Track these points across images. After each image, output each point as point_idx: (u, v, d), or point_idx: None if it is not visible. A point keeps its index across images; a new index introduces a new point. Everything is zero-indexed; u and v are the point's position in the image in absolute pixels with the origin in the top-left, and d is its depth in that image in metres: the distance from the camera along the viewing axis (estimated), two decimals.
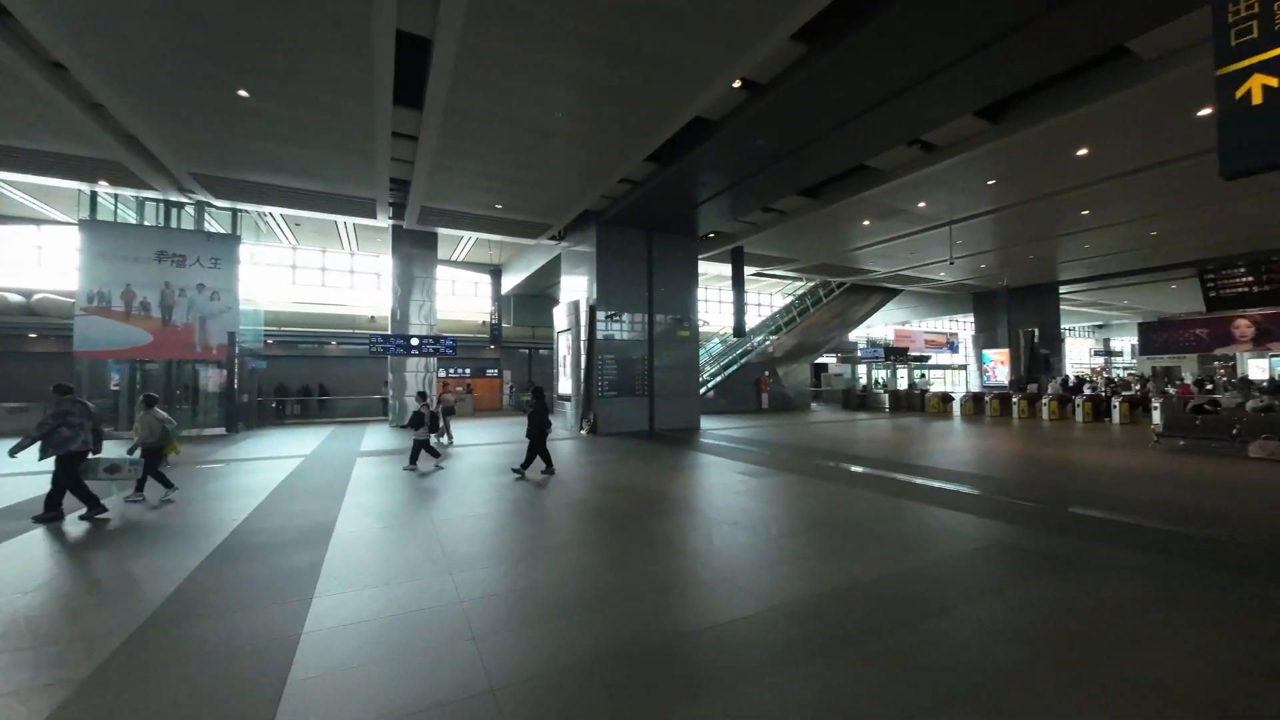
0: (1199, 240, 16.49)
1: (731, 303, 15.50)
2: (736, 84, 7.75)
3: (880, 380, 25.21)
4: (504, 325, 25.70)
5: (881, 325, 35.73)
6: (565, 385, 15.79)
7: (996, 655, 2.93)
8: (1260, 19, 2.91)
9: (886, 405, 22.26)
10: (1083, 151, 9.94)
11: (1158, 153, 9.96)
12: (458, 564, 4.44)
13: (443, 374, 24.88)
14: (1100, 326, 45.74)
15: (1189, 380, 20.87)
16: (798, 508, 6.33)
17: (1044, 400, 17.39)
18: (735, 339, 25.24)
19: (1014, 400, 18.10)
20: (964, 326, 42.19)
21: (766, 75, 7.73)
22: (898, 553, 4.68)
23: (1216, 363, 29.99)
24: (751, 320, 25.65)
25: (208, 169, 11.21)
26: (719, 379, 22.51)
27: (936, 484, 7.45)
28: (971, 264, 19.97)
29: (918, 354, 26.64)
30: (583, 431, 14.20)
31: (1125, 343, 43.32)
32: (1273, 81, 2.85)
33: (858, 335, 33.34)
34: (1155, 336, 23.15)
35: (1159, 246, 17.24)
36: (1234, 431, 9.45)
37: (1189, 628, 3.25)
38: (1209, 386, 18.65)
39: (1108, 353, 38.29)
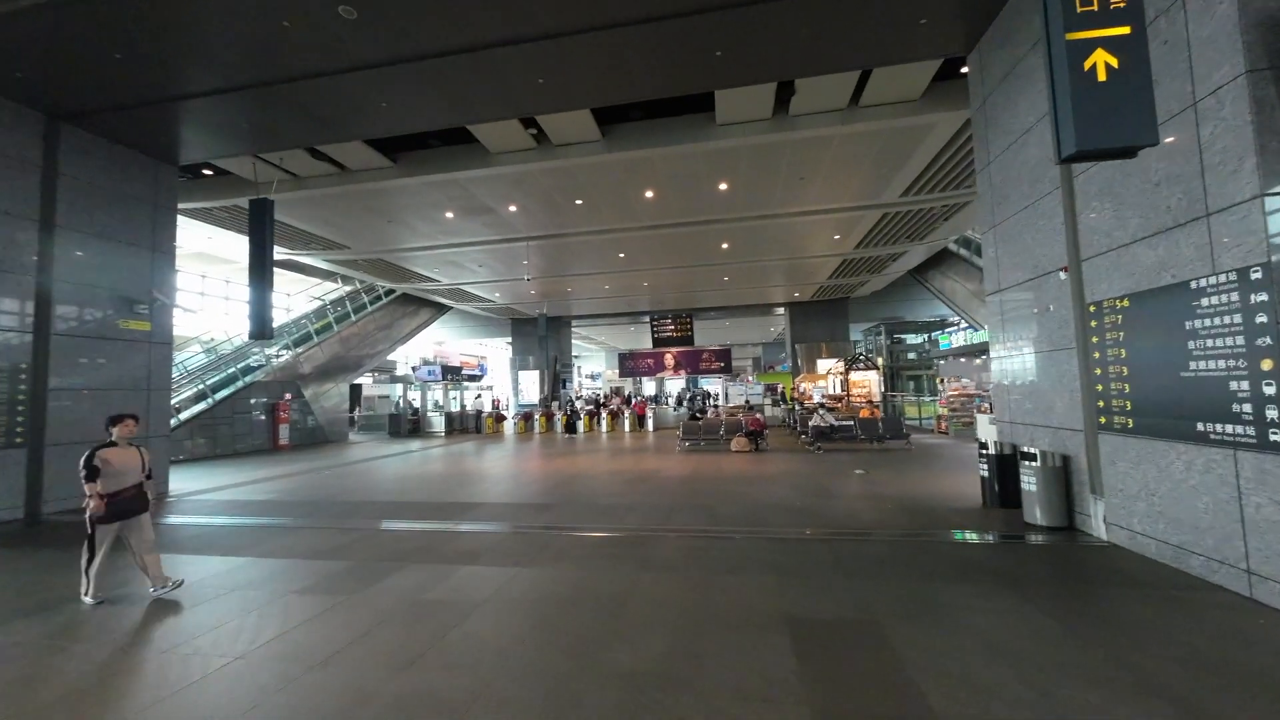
0: (647, 295, 23.14)
1: (244, 290, 9.77)
2: None
3: (438, 402, 23.07)
4: None
5: (417, 344, 33.94)
6: None
7: None
8: None
9: (442, 429, 20.33)
10: (649, 194, 11.35)
11: (656, 217, 12.68)
12: None
13: None
14: (576, 357, 60.13)
15: (639, 399, 29.10)
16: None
17: (580, 415, 19.91)
18: (243, 344, 17.42)
19: (552, 417, 19.96)
20: (491, 350, 45.99)
21: None
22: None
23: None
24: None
25: None
26: (202, 406, 14.64)
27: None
28: (523, 288, 21.01)
29: (469, 375, 26.16)
30: None
31: (590, 368, 58.39)
32: (1114, 61, 2.69)
33: (397, 354, 30.21)
34: (627, 363, 31.28)
35: (630, 296, 23.14)
36: (721, 433, 12.74)
37: None
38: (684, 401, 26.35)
39: (590, 376, 50.14)
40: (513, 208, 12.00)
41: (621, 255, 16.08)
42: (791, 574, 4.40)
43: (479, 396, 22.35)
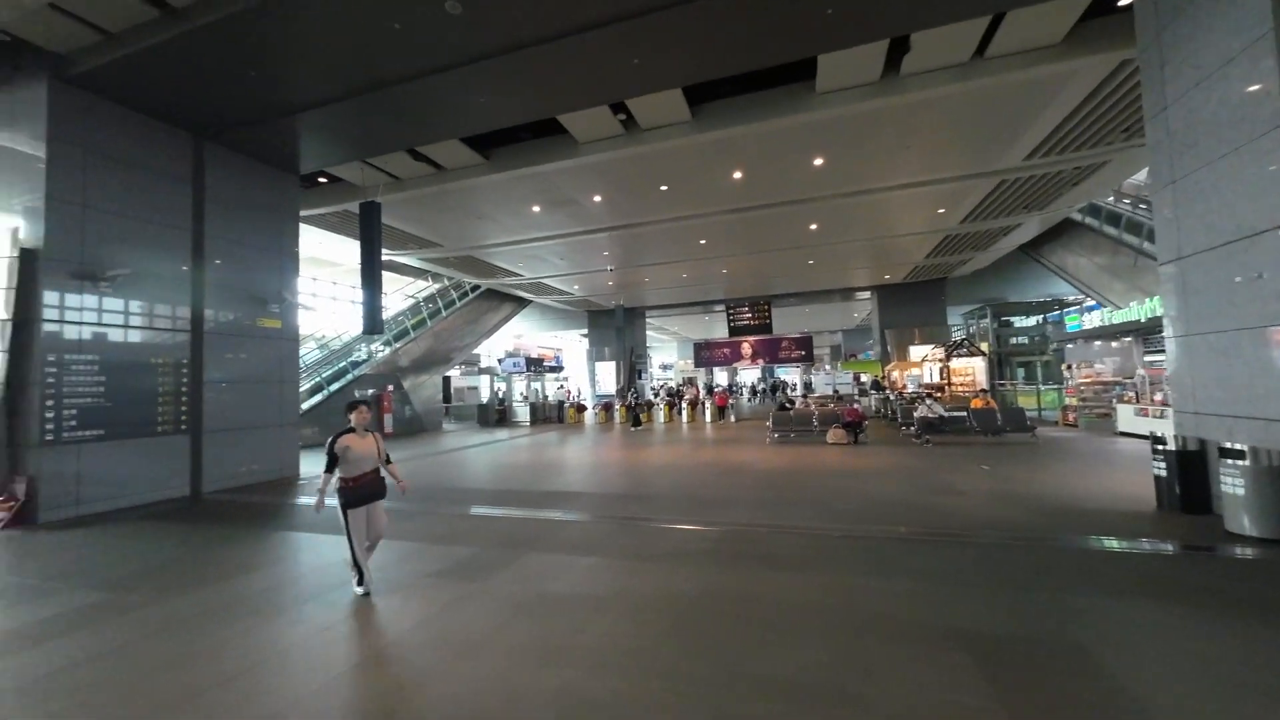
0: (725, 283, 22.43)
1: (348, 290, 10.49)
2: None
3: (523, 393, 23.93)
4: None
5: (499, 338, 35.37)
6: None
7: None
8: None
9: (527, 419, 21.02)
10: (737, 175, 10.88)
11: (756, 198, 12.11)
12: None
13: None
14: (650, 347, 60.24)
15: (719, 388, 28.50)
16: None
17: (668, 405, 19.79)
18: (350, 340, 18.93)
19: (622, 407, 20.00)
20: (565, 342, 47.13)
21: None
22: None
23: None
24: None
25: None
26: (318, 400, 16.01)
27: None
28: (600, 281, 21.16)
29: (549, 367, 26.94)
30: None
31: (661, 359, 58.19)
32: None
33: (481, 348, 31.65)
34: (702, 352, 30.83)
35: (707, 284, 22.58)
36: (815, 424, 12.10)
37: None
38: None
39: (663, 366, 50.11)
40: (596, 198, 11.97)
41: (703, 242, 15.67)
42: (940, 580, 3.95)
43: (561, 387, 22.88)
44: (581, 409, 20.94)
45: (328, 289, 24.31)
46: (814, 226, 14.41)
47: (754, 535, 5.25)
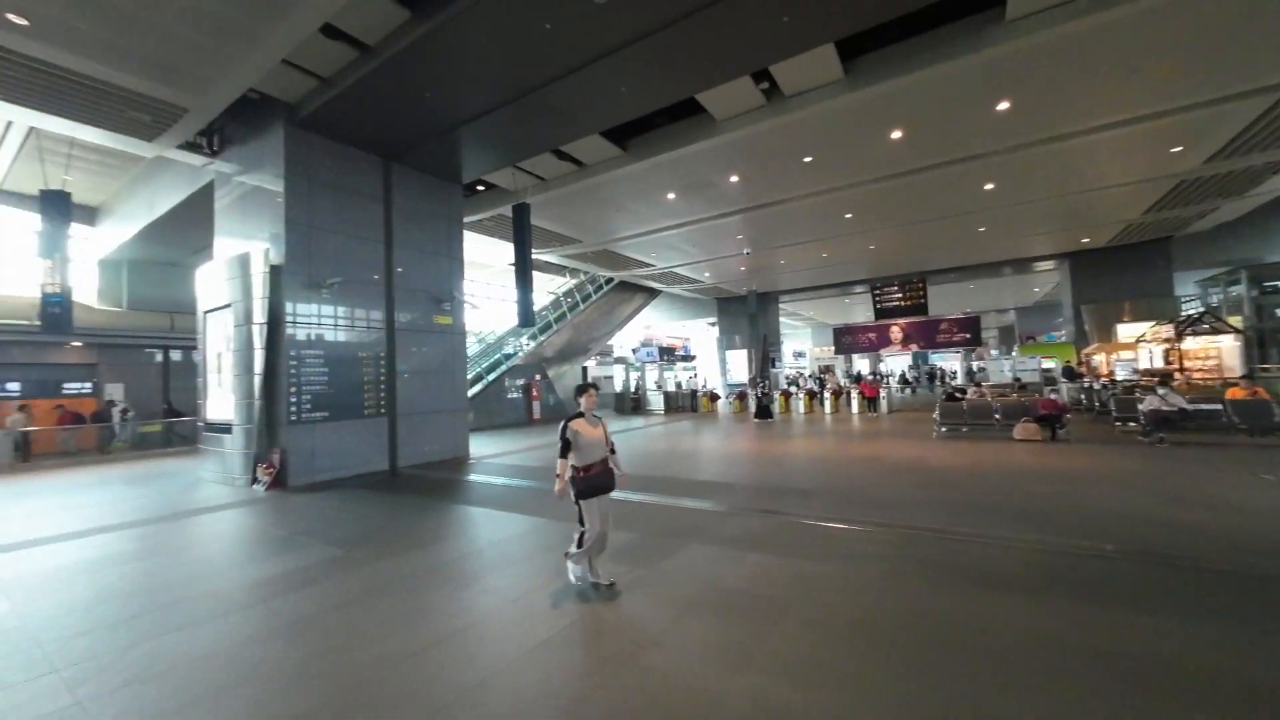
0: (870, 261, 20.24)
1: (497, 289, 11.37)
2: None
3: (657, 382, 24.46)
4: (100, 304, 15.36)
5: (630, 329, 36.41)
6: (221, 405, 9.01)
7: None
8: None
9: (661, 407, 21.34)
10: (896, 135, 9.64)
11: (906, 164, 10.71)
12: None
13: None
14: (783, 335, 57.60)
15: (869, 377, 26.14)
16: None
17: (813, 395, 18.74)
18: (502, 334, 20.93)
19: (790, 396, 19.15)
20: (692, 331, 47.07)
21: None
22: None
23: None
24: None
25: None
26: (478, 389, 17.85)
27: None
28: (731, 266, 20.57)
29: (681, 355, 27.11)
30: (258, 487, 8.00)
31: (792, 346, 55.27)
32: None
33: (614, 339, 32.89)
34: (844, 338, 28.59)
35: (850, 263, 20.64)
36: (997, 417, 10.39)
37: None
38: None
39: (795, 354, 47.66)
40: (733, 178, 11.49)
41: (848, 216, 14.33)
42: (1238, 623, 2.97)
43: (693, 376, 22.84)
44: (714, 398, 20.66)
45: (482, 289, 27.09)
46: (989, 186, 12.32)
47: (948, 545, 4.53)
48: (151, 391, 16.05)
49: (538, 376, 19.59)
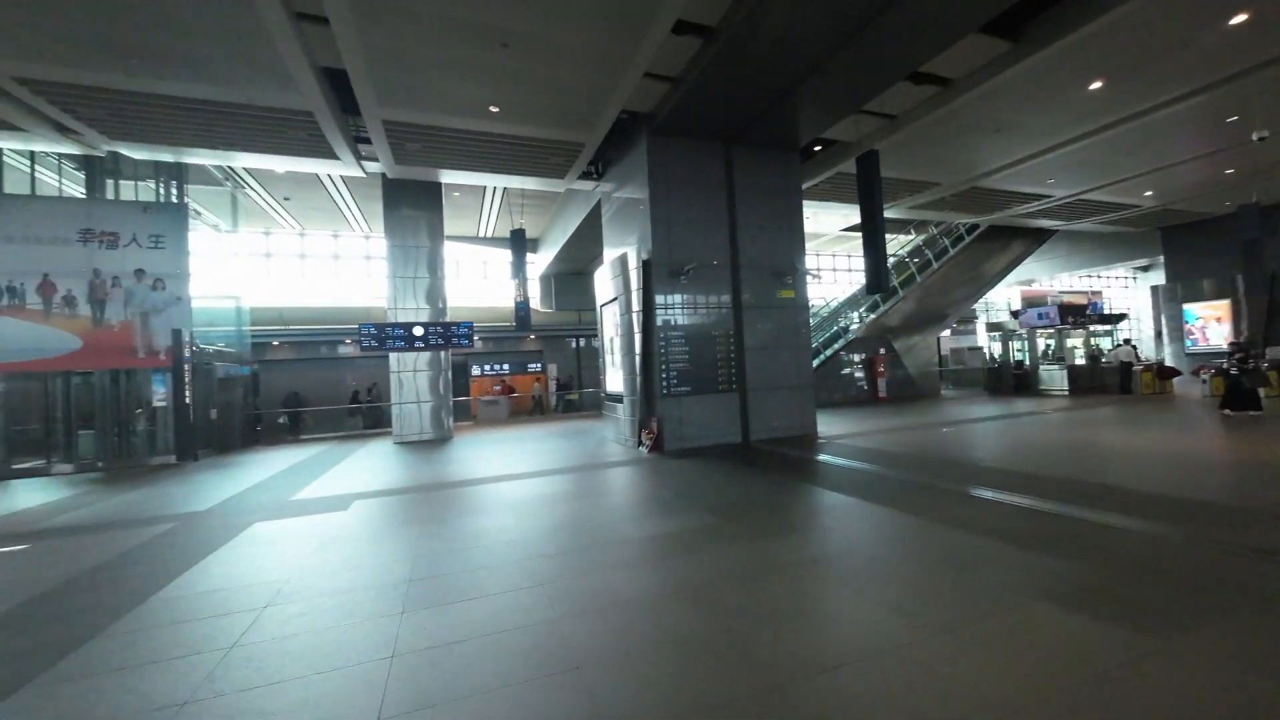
0: None
1: (824, 260, 10.16)
2: None
3: (1050, 350, 18.78)
4: (541, 308, 21.71)
5: (1002, 287, 28.62)
6: (614, 380, 11.14)
7: None
8: None
9: (1061, 386, 15.98)
10: None
11: None
12: None
13: (476, 371, 21.22)
14: None
15: None
16: None
17: None
18: (839, 306, 19.72)
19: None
20: (1108, 282, 33.89)
21: None
22: None
23: None
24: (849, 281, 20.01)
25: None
26: (817, 363, 17.13)
27: None
28: (1202, 170, 13.45)
29: (1099, 316, 19.83)
30: (642, 449, 9.50)
31: None
32: None
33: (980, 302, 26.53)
34: None
35: None
36: None
37: None
38: None
39: None
40: (1235, 19, 7.12)
41: None
42: None
43: (1119, 344, 16.28)
44: (1168, 374, 14.11)
45: (811, 261, 26.09)
46: None
47: None
48: (570, 370, 21.88)
49: (881, 350, 17.50)
